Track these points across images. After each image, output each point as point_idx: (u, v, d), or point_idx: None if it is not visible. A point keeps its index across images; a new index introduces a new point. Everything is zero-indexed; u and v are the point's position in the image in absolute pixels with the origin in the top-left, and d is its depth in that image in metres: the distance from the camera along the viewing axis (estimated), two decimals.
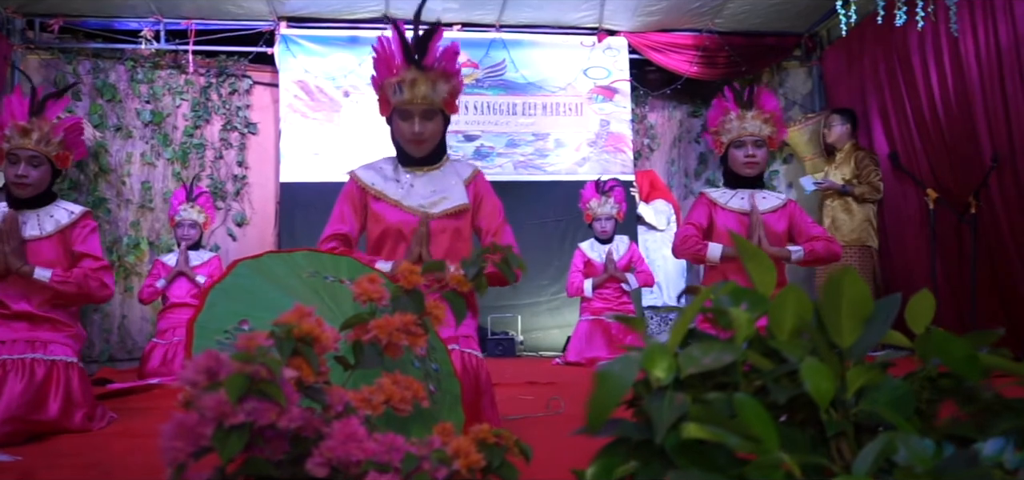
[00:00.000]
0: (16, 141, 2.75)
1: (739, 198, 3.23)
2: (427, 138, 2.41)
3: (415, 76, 2.31)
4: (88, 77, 6.17)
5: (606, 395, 1.01)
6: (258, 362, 0.98)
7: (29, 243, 2.81)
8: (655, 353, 1.02)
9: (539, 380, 4.05)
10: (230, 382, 0.96)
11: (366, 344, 1.46)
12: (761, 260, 1.27)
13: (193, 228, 5.15)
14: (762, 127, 3.15)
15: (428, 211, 2.42)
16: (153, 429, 2.85)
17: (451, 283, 1.48)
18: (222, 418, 0.95)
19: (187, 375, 0.98)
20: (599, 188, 5.21)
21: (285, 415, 1.03)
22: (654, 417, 0.98)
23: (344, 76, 6.30)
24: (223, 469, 1.10)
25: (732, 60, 6.62)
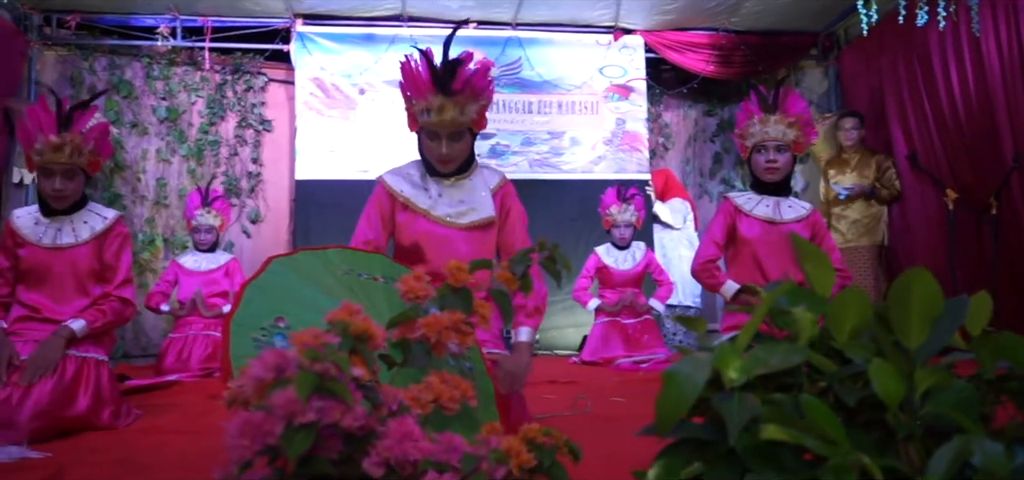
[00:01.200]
0: (48, 156, 2.75)
1: (764, 205, 3.15)
2: (455, 157, 2.41)
3: (442, 102, 2.28)
4: (104, 73, 6.18)
5: (676, 396, 0.99)
6: (327, 360, 0.97)
7: (66, 250, 2.86)
8: (728, 353, 1.01)
9: (559, 379, 4.04)
10: (300, 379, 0.95)
11: (414, 342, 1.45)
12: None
13: (209, 233, 5.18)
14: (786, 132, 3.06)
15: (455, 222, 2.42)
16: (178, 425, 2.87)
17: (499, 282, 1.47)
18: (292, 416, 0.94)
19: (254, 372, 0.97)
20: (621, 195, 5.17)
21: (349, 413, 1.02)
22: (727, 418, 0.96)
23: (360, 73, 6.29)
24: (283, 468, 1.09)
25: (748, 59, 6.59)
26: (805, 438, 0.95)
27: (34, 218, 2.90)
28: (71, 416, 2.67)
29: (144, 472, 2.10)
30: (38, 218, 2.90)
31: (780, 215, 3.11)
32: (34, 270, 2.85)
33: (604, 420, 2.74)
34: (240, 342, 1.79)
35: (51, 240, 2.85)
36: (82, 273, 2.87)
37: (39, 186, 2.85)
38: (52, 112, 2.75)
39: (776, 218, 3.10)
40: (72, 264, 2.86)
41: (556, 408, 3.03)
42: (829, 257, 1.26)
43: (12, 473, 2.07)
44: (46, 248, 2.84)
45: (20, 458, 2.23)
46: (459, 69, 2.27)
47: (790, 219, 3.11)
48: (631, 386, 3.85)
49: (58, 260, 2.85)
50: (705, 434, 1.06)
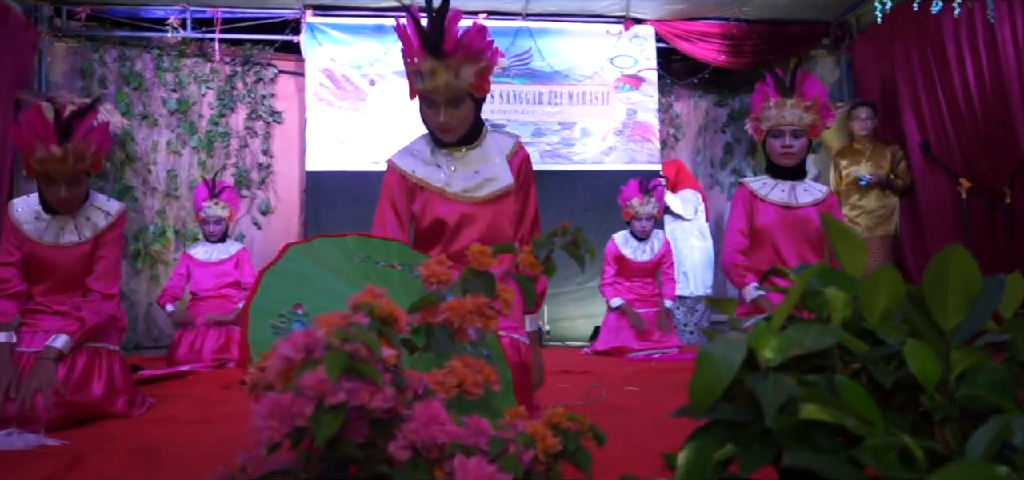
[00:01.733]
0: (50, 165, 2.63)
1: (780, 190, 3.13)
2: (455, 126, 2.27)
3: (434, 65, 2.14)
4: (115, 65, 6.18)
5: (711, 376, 0.98)
6: (357, 341, 0.96)
7: (68, 249, 2.80)
8: (763, 333, 0.99)
9: (573, 369, 4.03)
10: (330, 360, 0.94)
11: (437, 327, 1.44)
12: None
13: (218, 224, 5.17)
14: (802, 116, 3.02)
15: (474, 196, 2.32)
16: (193, 415, 2.86)
17: (522, 266, 1.46)
18: (322, 397, 0.93)
19: (283, 352, 0.96)
20: (643, 188, 5.12)
21: (378, 395, 1.01)
22: (763, 398, 0.95)
23: (370, 64, 6.28)
24: (310, 451, 1.08)
25: (759, 49, 6.55)
26: (845, 418, 0.94)
27: (34, 212, 2.81)
28: (86, 404, 2.67)
29: (160, 460, 2.10)
30: (39, 213, 2.80)
31: (796, 199, 3.10)
32: (37, 267, 2.79)
33: (620, 409, 2.72)
34: (259, 329, 1.78)
35: (54, 238, 2.78)
36: (88, 269, 2.83)
37: (42, 192, 2.76)
38: (49, 122, 2.62)
39: (792, 203, 3.10)
40: (78, 261, 2.81)
41: (570, 398, 3.02)
42: (857, 238, 1.25)
43: (32, 460, 2.07)
44: (49, 245, 2.77)
45: (38, 445, 2.24)
46: (449, 28, 2.11)
47: (806, 203, 3.10)
48: (645, 376, 3.83)
49: (62, 257, 2.79)
50: (738, 415, 1.05)
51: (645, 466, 1.87)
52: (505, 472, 1.12)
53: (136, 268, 6.13)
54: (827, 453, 0.99)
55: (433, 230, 2.36)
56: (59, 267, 2.80)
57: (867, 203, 5.35)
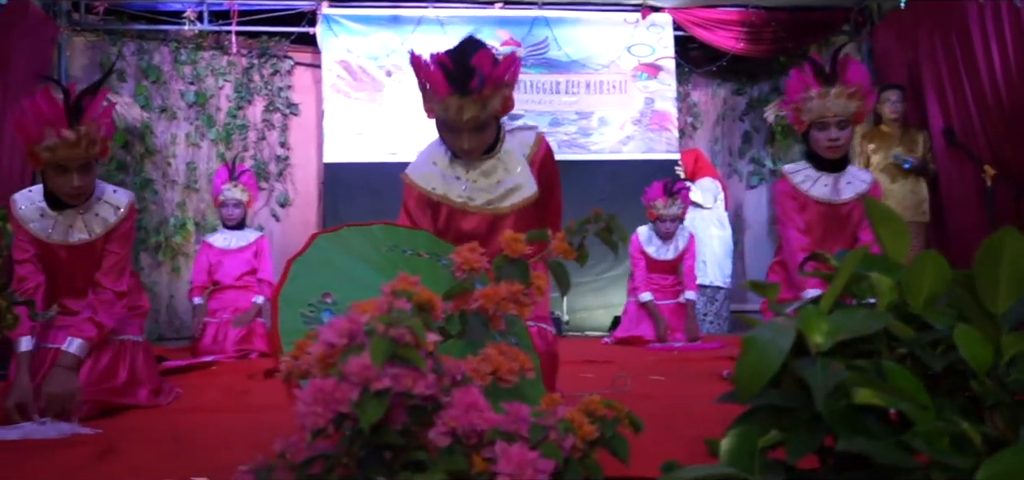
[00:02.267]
0: (62, 152, 2.43)
1: (823, 184, 2.97)
2: (478, 147, 2.22)
3: (461, 103, 2.09)
4: (133, 59, 6.21)
5: (758, 362, 0.96)
6: (402, 326, 0.95)
7: (79, 247, 2.64)
8: (813, 317, 0.98)
9: (595, 358, 4.02)
10: (375, 345, 0.94)
11: (470, 314, 1.44)
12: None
13: (237, 207, 5.06)
14: (847, 104, 2.80)
15: (497, 207, 2.26)
16: (220, 404, 2.87)
17: (556, 252, 1.45)
18: (367, 382, 0.92)
19: (325, 338, 0.95)
20: (667, 190, 5.06)
21: (421, 381, 1.00)
22: (813, 383, 0.93)
23: (387, 55, 6.28)
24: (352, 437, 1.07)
25: (778, 36, 6.50)
26: (899, 403, 0.92)
27: (39, 210, 2.63)
28: (113, 392, 2.68)
29: (191, 449, 2.11)
30: (44, 211, 2.63)
31: (838, 195, 2.95)
32: (47, 269, 2.66)
33: (645, 398, 2.71)
34: (289, 318, 1.78)
35: (62, 236, 2.62)
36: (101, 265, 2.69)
37: (50, 184, 2.56)
38: (59, 104, 2.42)
39: (834, 199, 2.95)
40: (88, 259, 2.67)
41: (594, 387, 3.00)
42: (901, 220, 1.23)
43: (65, 449, 2.09)
44: (58, 245, 2.61)
45: (71, 434, 2.25)
46: (475, 72, 2.06)
47: (849, 197, 2.95)
48: (669, 365, 3.82)
49: (74, 256, 2.65)
50: (784, 401, 1.03)
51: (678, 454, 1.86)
52: (546, 459, 1.11)
53: (157, 260, 6.16)
54: (878, 438, 0.98)
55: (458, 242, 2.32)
56: (71, 267, 2.65)
57: (897, 189, 5.27)
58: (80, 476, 1.83)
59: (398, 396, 1.06)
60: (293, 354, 1.40)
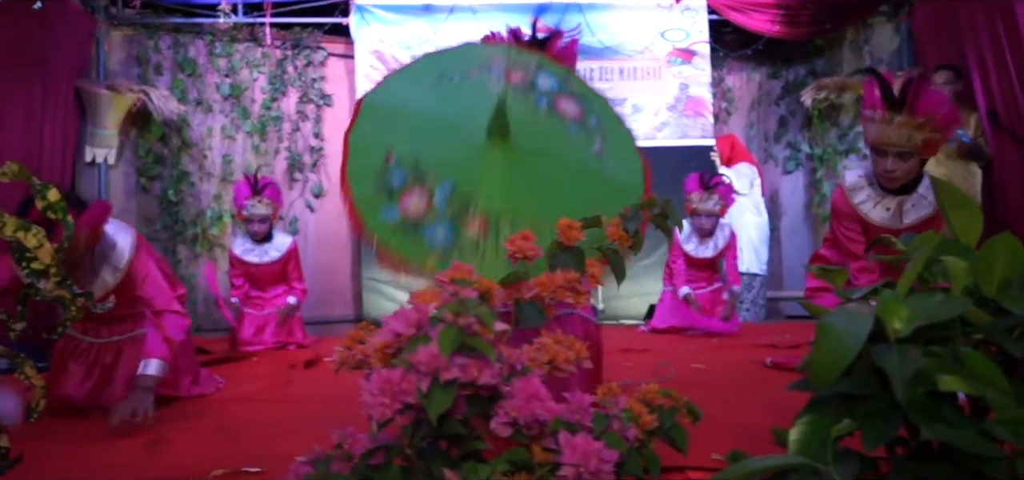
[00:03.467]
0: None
1: (884, 207, 2.72)
2: None
3: None
4: (169, 52, 6.26)
5: (835, 350, 0.94)
6: (470, 315, 0.94)
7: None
8: (892, 303, 0.95)
9: (634, 347, 4.00)
10: (444, 335, 0.93)
11: (525, 302, 1.42)
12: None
13: (263, 223, 4.79)
14: (912, 135, 2.48)
15: None
16: (264, 394, 2.89)
17: (612, 239, 1.43)
18: (436, 372, 0.91)
19: (393, 326, 0.95)
20: (703, 182, 4.93)
21: (487, 370, 0.99)
22: (891, 371, 0.91)
23: (419, 45, 6.25)
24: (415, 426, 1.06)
25: (815, 18, 6.38)
26: (985, 391, 0.89)
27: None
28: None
29: (239, 439, 2.12)
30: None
31: (900, 220, 2.69)
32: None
33: (691, 385, 2.68)
34: (359, 164, 1.90)
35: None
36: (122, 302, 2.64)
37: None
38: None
39: (895, 225, 2.68)
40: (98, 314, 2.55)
41: (636, 376, 2.98)
42: (974, 203, 1.19)
43: (116, 440, 2.11)
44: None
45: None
46: (550, 44, 2.31)
47: (911, 222, 2.68)
48: (709, 352, 3.78)
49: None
50: (857, 389, 1.01)
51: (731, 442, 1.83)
52: (611, 449, 1.10)
53: (194, 251, 6.23)
54: (956, 426, 0.95)
55: None
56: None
57: (946, 171, 5.13)
58: (132, 467, 1.85)
59: (462, 385, 1.05)
60: (345, 344, 1.40)
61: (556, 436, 1.10)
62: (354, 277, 6.57)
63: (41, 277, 1.18)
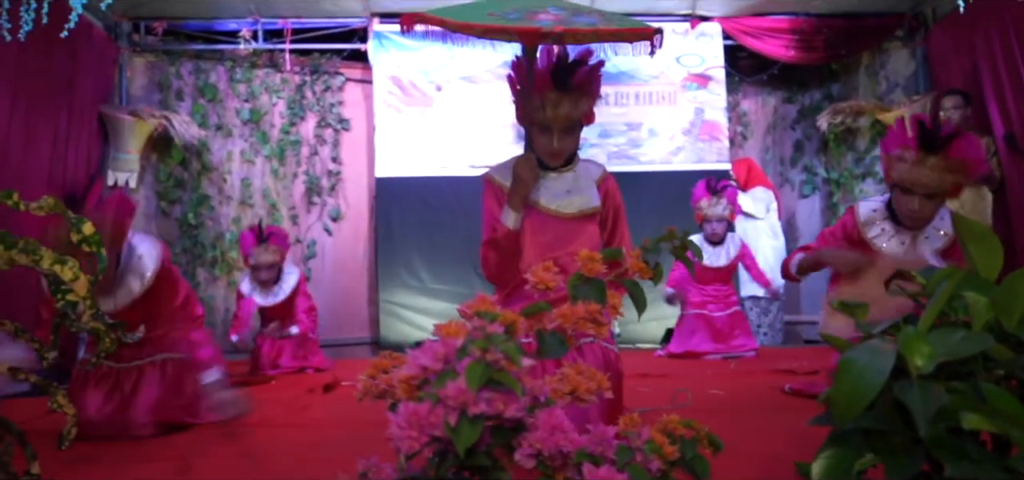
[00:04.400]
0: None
1: (899, 240, 2.73)
2: (565, 151, 2.44)
3: (559, 97, 2.33)
4: (190, 78, 6.36)
5: (856, 385, 0.95)
6: (498, 350, 0.96)
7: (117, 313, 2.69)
8: (914, 339, 0.96)
9: (650, 372, 3.99)
10: (471, 370, 0.95)
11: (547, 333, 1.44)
12: (986, 242, 1.19)
13: (270, 270, 4.83)
14: (941, 178, 2.53)
15: (562, 211, 2.43)
16: (284, 419, 2.91)
17: (632, 271, 1.45)
18: (464, 406, 0.93)
19: (421, 361, 0.97)
20: (710, 188, 5.00)
21: (513, 404, 1.01)
22: (914, 407, 0.92)
23: (436, 70, 6.33)
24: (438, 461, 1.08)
25: (830, 43, 6.40)
26: (1009, 429, 0.90)
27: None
28: (180, 410, 2.74)
29: (262, 464, 2.15)
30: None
31: (915, 253, 2.70)
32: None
33: (710, 412, 2.68)
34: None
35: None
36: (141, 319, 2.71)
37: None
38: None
39: (909, 257, 2.69)
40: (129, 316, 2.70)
41: (653, 402, 2.99)
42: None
43: (143, 462, 2.14)
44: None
45: None
46: (578, 68, 2.34)
47: (925, 252, 2.70)
48: (727, 379, 3.78)
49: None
50: (880, 424, 1.02)
51: (752, 474, 1.84)
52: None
53: (213, 274, 6.29)
54: (979, 464, 0.96)
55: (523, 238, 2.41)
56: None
57: (964, 201, 5.11)
58: None
59: (487, 418, 1.07)
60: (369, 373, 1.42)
61: (580, 467, 1.12)
62: (371, 301, 6.60)
63: (76, 309, 1.21)
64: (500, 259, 2.41)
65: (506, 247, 2.39)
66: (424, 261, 6.24)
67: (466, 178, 5.91)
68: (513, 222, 2.37)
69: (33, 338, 1.43)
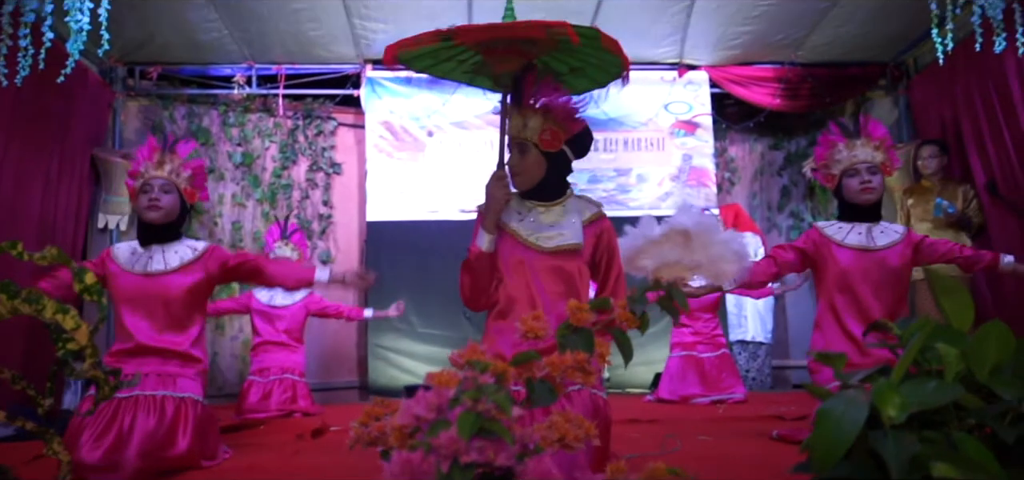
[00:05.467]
0: (150, 172, 2.95)
1: (856, 233, 3.16)
2: (519, 171, 2.44)
3: (511, 110, 2.45)
4: (184, 122, 6.42)
5: (833, 435, 0.99)
6: (489, 400, 1.00)
7: (156, 277, 2.92)
8: (886, 390, 1.00)
9: (640, 418, 4.01)
10: (463, 420, 0.98)
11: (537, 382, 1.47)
12: (958, 295, 1.24)
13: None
14: (874, 153, 3.12)
15: (539, 245, 2.41)
16: (273, 465, 2.91)
17: (619, 321, 1.49)
18: (456, 455, 0.96)
19: (413, 410, 1.00)
20: None
21: (503, 452, 1.04)
22: (888, 457, 0.96)
23: (428, 116, 6.42)
24: None
25: (815, 91, 6.53)
26: (977, 476, 0.94)
27: (131, 249, 3.00)
28: (173, 456, 2.74)
29: None
30: (135, 248, 2.99)
31: (873, 241, 3.12)
32: (126, 296, 2.90)
33: (698, 459, 2.70)
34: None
35: (143, 268, 2.92)
36: (172, 301, 2.90)
37: (137, 210, 2.99)
38: (158, 145, 3.01)
39: (870, 245, 3.12)
40: (162, 291, 2.90)
41: (642, 447, 3.00)
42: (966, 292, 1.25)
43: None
44: (138, 274, 2.91)
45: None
46: (525, 83, 2.40)
47: (883, 245, 3.12)
48: (716, 425, 3.79)
49: (149, 286, 2.90)
50: (856, 473, 1.05)
51: None
52: None
53: None
54: None
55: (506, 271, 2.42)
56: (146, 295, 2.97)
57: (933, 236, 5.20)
58: None
59: (477, 466, 1.10)
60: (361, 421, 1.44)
61: None
62: (360, 345, 6.61)
63: (77, 358, 1.24)
64: (473, 282, 2.42)
65: (478, 268, 2.40)
66: (414, 305, 6.25)
67: (457, 222, 5.96)
68: (486, 244, 2.38)
69: (29, 386, 1.45)
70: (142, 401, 2.76)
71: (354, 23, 5.74)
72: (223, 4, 5.40)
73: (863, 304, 3.04)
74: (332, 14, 5.60)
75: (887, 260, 3.08)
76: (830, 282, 3.15)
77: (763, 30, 5.98)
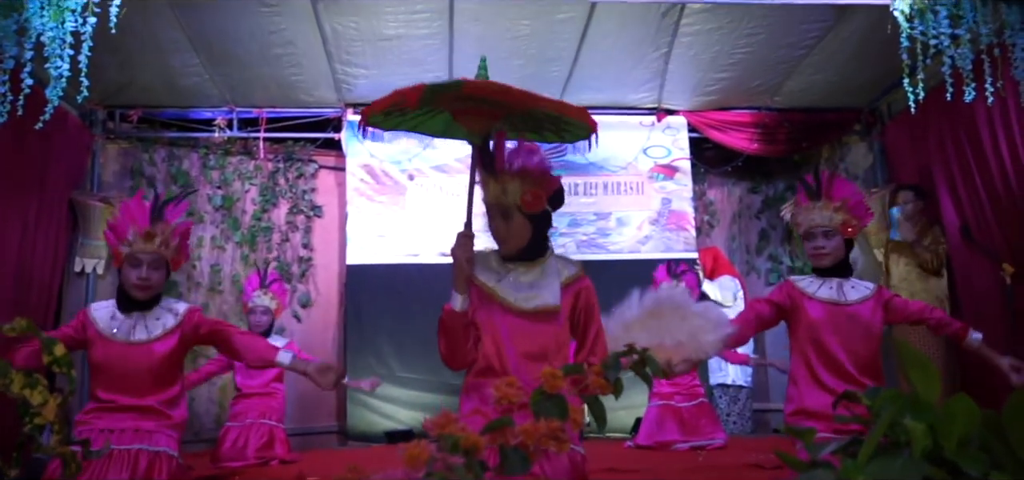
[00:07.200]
0: (138, 245, 2.84)
1: (827, 287, 3.20)
2: (505, 238, 2.46)
3: (488, 180, 2.43)
4: (163, 165, 6.40)
5: None
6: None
7: (140, 345, 2.88)
8: (852, 470, 1.01)
9: (619, 466, 3.99)
10: None
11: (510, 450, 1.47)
12: (925, 368, 1.26)
13: (265, 314, 5.09)
14: (833, 216, 3.14)
15: (520, 306, 2.42)
16: None
17: (593, 387, 1.49)
18: None
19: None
20: (671, 271, 5.14)
21: None
22: None
23: (409, 160, 6.44)
24: None
25: (792, 136, 6.62)
26: None
27: (110, 313, 2.95)
28: None
29: None
30: (114, 313, 2.94)
31: (844, 296, 3.16)
32: (108, 364, 2.88)
33: None
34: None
35: (124, 336, 2.88)
36: (155, 366, 2.89)
37: (122, 278, 2.92)
38: (146, 206, 2.89)
39: (840, 299, 3.16)
40: (146, 359, 2.88)
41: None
42: (933, 364, 1.26)
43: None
44: (120, 342, 2.87)
45: None
46: (498, 150, 2.41)
47: (854, 300, 3.15)
48: (696, 472, 3.79)
49: (132, 354, 2.88)
50: None
51: None
52: None
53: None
54: None
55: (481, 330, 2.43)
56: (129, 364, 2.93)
57: (923, 293, 5.26)
58: None
59: None
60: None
61: None
62: (338, 390, 6.54)
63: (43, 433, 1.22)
64: (448, 341, 2.42)
65: (451, 327, 2.40)
66: (393, 349, 6.23)
67: (437, 266, 5.95)
68: (459, 304, 2.38)
69: None
70: (116, 456, 2.73)
71: (335, 68, 5.77)
72: (205, 49, 5.42)
73: (835, 357, 3.07)
74: (314, 59, 5.63)
75: (858, 315, 3.11)
76: (802, 334, 3.18)
77: (740, 76, 6.07)
